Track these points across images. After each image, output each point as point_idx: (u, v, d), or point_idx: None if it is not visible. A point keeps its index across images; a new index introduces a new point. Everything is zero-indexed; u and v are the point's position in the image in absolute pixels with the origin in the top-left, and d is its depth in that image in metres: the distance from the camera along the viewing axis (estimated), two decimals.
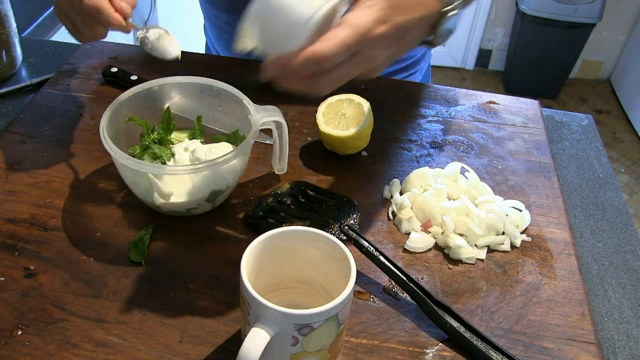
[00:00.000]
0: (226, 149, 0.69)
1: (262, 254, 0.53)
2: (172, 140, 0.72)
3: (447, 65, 3.26)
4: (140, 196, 0.67)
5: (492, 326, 0.61)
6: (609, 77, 3.27)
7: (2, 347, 0.55)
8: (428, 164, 0.80)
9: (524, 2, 2.82)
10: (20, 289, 0.60)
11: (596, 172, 0.86)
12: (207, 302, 0.61)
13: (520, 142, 0.85)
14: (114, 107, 0.67)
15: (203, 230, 0.68)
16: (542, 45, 2.91)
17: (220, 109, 0.74)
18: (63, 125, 0.81)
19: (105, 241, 0.66)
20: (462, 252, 0.67)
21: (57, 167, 0.75)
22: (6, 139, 0.79)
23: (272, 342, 0.48)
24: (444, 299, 0.63)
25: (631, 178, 2.69)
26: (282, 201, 0.72)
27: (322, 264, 0.55)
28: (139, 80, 0.88)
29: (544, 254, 0.69)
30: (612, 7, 2.95)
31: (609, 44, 3.13)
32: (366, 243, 0.63)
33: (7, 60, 0.93)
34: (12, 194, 0.71)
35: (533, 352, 0.59)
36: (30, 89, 0.92)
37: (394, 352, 0.58)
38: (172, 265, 0.64)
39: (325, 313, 0.47)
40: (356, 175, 0.77)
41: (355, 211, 0.71)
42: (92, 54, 0.96)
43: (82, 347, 0.56)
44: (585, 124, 0.95)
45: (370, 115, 0.77)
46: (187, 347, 0.57)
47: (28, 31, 1.20)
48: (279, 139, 0.71)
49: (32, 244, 0.65)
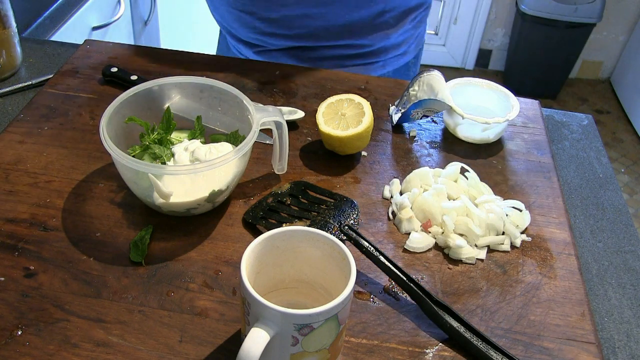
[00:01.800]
0: (226, 149, 0.69)
1: (262, 254, 0.53)
2: (172, 140, 0.72)
3: (447, 65, 3.26)
4: (140, 196, 0.67)
5: (492, 326, 0.61)
6: (609, 77, 3.27)
7: (2, 347, 0.55)
8: (428, 164, 0.80)
9: (524, 2, 2.82)
10: (20, 289, 0.60)
11: (596, 172, 0.86)
12: (207, 302, 0.61)
13: (520, 142, 0.85)
14: (114, 107, 0.67)
15: (203, 230, 0.68)
16: (542, 45, 2.91)
17: (220, 109, 0.74)
18: (63, 125, 0.81)
19: (105, 241, 0.66)
20: (462, 252, 0.67)
21: (57, 167, 0.75)
22: (6, 139, 0.79)
23: (272, 342, 0.48)
24: (444, 299, 0.63)
25: (631, 178, 2.69)
26: (282, 201, 0.72)
27: (322, 264, 0.55)
28: (139, 80, 0.88)
29: (544, 254, 0.69)
30: (612, 7, 2.95)
31: (609, 44, 3.13)
32: (366, 243, 0.63)
33: (7, 60, 0.93)
34: (12, 194, 0.71)
35: (533, 352, 0.59)
36: (30, 89, 0.92)
37: (394, 352, 0.58)
38: (172, 265, 0.64)
39: (325, 313, 0.47)
40: (356, 175, 0.77)
41: (355, 211, 0.71)
42: (92, 54, 0.96)
43: (82, 347, 0.56)
44: (585, 124, 0.95)
45: (370, 115, 0.77)
46: (187, 347, 0.57)
47: (28, 31, 1.20)
48: (279, 139, 0.71)
49: (32, 244, 0.65)
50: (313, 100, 0.89)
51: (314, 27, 0.97)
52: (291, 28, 0.98)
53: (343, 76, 0.95)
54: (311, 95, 0.90)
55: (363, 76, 0.95)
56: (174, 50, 0.98)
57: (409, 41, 1.06)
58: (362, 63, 1.04)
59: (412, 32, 1.05)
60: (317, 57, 1.02)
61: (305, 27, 0.98)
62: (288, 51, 1.02)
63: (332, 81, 0.93)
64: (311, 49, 1.01)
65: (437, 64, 3.24)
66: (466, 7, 3.06)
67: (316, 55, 1.02)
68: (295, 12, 0.95)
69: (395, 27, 1.01)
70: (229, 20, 1.04)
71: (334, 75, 0.95)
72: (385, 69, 1.06)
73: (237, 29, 1.04)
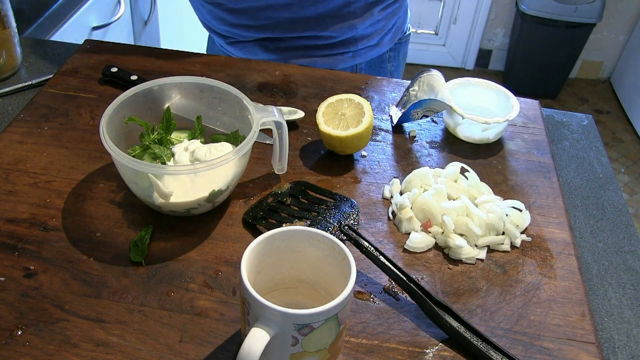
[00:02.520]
0: (226, 149, 0.69)
1: (262, 254, 0.53)
2: (172, 140, 0.72)
3: (447, 65, 3.26)
4: (140, 196, 0.67)
5: (492, 326, 0.61)
6: (609, 77, 3.27)
7: (2, 347, 0.55)
8: (428, 164, 0.80)
9: (524, 2, 2.82)
10: (20, 289, 0.60)
11: (596, 172, 0.86)
12: (207, 302, 0.61)
13: (520, 142, 0.85)
14: (114, 107, 0.67)
15: (203, 230, 0.68)
16: (542, 45, 2.91)
17: (220, 109, 0.74)
18: (63, 125, 0.81)
19: (105, 241, 0.66)
20: (462, 252, 0.67)
21: (57, 167, 0.75)
22: (6, 139, 0.79)
23: (272, 342, 0.48)
24: (444, 299, 0.63)
25: (631, 178, 2.69)
26: (282, 201, 0.72)
27: (322, 264, 0.55)
28: (139, 80, 0.88)
29: (544, 254, 0.69)
30: (612, 7, 2.95)
31: (609, 44, 3.13)
32: (366, 243, 0.63)
33: (7, 60, 0.93)
34: (12, 194, 0.71)
35: (533, 352, 0.59)
36: (30, 89, 0.92)
37: (394, 352, 0.58)
38: (172, 265, 0.64)
39: (325, 313, 0.47)
40: (356, 175, 0.77)
41: (355, 211, 0.71)
42: (92, 54, 0.96)
43: (82, 347, 0.56)
44: (585, 124, 0.95)
45: (370, 115, 0.77)
46: (187, 347, 0.57)
47: (28, 31, 1.20)
48: (279, 139, 0.71)
49: (32, 244, 0.65)
50: (313, 100, 0.89)
51: (279, 19, 0.99)
52: (257, 19, 0.99)
53: (343, 76, 0.95)
54: (311, 95, 0.90)
55: (363, 76, 0.95)
56: (174, 50, 0.98)
57: (380, 33, 1.05)
58: (330, 54, 1.04)
59: (384, 23, 1.05)
60: (284, 47, 1.03)
61: (270, 19, 0.99)
62: (257, 42, 1.04)
63: (332, 81, 0.93)
64: (279, 39, 1.02)
65: (437, 64, 3.24)
66: (466, 7, 3.06)
67: (284, 46, 1.03)
68: (260, 3, 0.97)
69: (361, 17, 1.01)
70: (204, 14, 1.06)
71: (334, 75, 0.95)
72: (356, 60, 1.06)
73: (210, 21, 1.06)
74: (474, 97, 0.87)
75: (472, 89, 0.87)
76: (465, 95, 0.86)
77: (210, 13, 1.04)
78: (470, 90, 0.87)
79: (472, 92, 0.87)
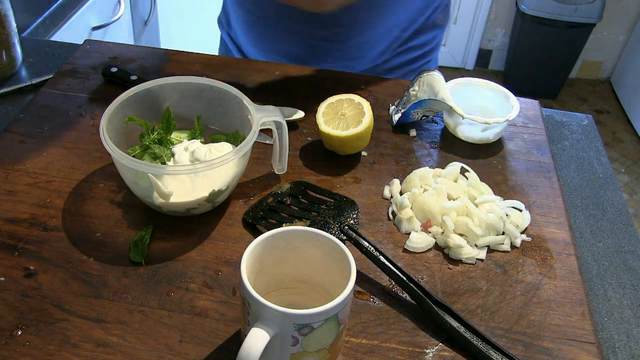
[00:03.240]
0: (226, 149, 0.69)
1: (262, 254, 0.53)
2: (172, 140, 0.72)
3: (447, 65, 3.26)
4: (140, 196, 0.67)
5: (492, 326, 0.61)
6: (609, 77, 3.27)
7: (2, 347, 0.55)
8: (428, 164, 0.80)
9: (524, 2, 2.82)
10: (20, 289, 0.60)
11: (596, 172, 0.86)
12: (207, 302, 0.61)
13: (520, 142, 0.85)
14: (114, 107, 0.67)
15: (203, 230, 0.68)
16: (542, 45, 2.91)
17: (220, 109, 0.74)
18: (63, 125, 0.81)
19: (105, 241, 0.66)
20: (462, 252, 0.67)
21: (57, 167, 0.75)
22: (6, 139, 0.79)
23: (272, 342, 0.48)
24: (444, 299, 0.63)
25: (631, 178, 2.69)
26: (282, 201, 0.72)
27: (322, 264, 0.55)
28: (139, 80, 0.88)
29: (544, 254, 0.69)
30: (612, 7, 2.95)
31: (609, 44, 3.13)
32: (366, 243, 0.63)
33: (7, 60, 0.93)
34: (12, 194, 0.71)
35: (533, 352, 0.59)
36: (30, 89, 0.92)
37: (394, 352, 0.58)
38: (172, 265, 0.64)
39: (325, 313, 0.47)
40: (356, 175, 0.77)
41: (355, 211, 0.71)
42: (92, 54, 0.96)
43: (82, 347, 0.56)
44: (585, 124, 0.95)
45: (370, 115, 0.77)
46: (187, 347, 0.57)
47: (28, 31, 1.20)
48: (279, 139, 0.71)
49: (32, 244, 0.65)
50: (313, 100, 0.89)
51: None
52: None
53: (343, 76, 0.95)
54: (311, 95, 0.90)
55: (363, 76, 0.95)
56: (174, 50, 0.98)
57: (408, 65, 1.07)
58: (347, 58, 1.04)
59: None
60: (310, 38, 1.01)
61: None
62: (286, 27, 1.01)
63: (332, 81, 0.93)
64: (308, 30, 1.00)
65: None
66: (466, 7, 3.06)
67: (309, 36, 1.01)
68: None
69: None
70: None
71: (334, 75, 0.95)
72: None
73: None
74: (474, 97, 0.87)
75: (472, 89, 0.87)
76: (465, 95, 0.86)
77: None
78: (470, 90, 0.87)
79: (472, 92, 0.87)
